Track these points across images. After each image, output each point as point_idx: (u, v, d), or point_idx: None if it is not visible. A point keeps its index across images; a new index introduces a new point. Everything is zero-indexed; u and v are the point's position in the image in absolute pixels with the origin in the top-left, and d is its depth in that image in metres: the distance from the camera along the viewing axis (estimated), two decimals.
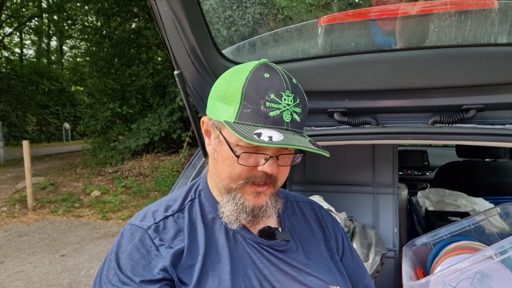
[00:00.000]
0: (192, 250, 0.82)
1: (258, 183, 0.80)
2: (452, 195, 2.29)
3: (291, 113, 0.77)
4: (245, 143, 0.76)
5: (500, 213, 1.63)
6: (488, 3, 1.32)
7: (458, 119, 1.28)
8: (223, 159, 0.82)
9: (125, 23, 11.63)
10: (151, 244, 0.80)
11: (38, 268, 4.41)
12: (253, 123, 0.75)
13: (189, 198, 0.91)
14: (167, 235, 0.83)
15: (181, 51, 1.25)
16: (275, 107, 0.75)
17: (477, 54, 1.25)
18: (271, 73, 0.78)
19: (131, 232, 0.83)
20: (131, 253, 0.80)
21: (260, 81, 0.77)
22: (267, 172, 0.79)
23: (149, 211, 0.88)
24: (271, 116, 0.75)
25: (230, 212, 0.83)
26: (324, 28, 1.41)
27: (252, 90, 0.76)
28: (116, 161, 10.14)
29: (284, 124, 0.76)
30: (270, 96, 0.75)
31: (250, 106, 0.76)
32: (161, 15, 1.18)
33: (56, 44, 25.34)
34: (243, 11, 1.44)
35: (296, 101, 0.78)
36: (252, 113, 0.75)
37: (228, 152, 0.80)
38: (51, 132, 21.93)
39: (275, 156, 0.79)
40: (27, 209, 6.86)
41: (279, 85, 0.77)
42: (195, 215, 0.88)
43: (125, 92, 11.12)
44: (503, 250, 1.16)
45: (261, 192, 0.81)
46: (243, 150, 0.78)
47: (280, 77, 0.79)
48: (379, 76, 1.30)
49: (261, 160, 0.79)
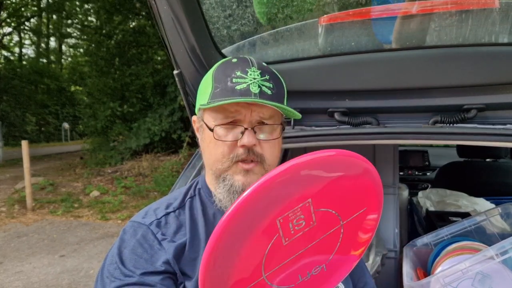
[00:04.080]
0: (195, 244, 0.83)
1: (244, 160, 0.82)
2: (453, 195, 2.28)
3: (259, 86, 0.80)
4: (220, 120, 0.81)
5: (501, 213, 1.62)
6: (489, 2, 1.32)
7: (459, 119, 1.28)
8: (207, 145, 0.85)
9: (126, 21, 11.62)
10: (154, 238, 0.81)
11: (37, 268, 4.40)
12: (222, 98, 0.79)
13: (189, 195, 0.93)
14: (169, 230, 0.84)
15: (181, 50, 1.25)
16: (241, 82, 0.80)
17: (478, 53, 1.25)
18: (239, 58, 0.85)
19: (134, 229, 0.84)
20: (134, 248, 0.80)
21: (227, 65, 0.84)
22: (246, 145, 0.80)
23: (150, 209, 0.89)
24: (238, 89, 0.79)
25: (222, 196, 0.84)
26: (325, 28, 1.41)
27: (220, 72, 0.83)
28: (115, 161, 10.14)
29: (252, 95, 0.79)
30: (236, 74, 0.81)
31: (219, 86, 0.81)
32: (161, 15, 1.17)
33: (55, 43, 25.34)
34: (243, 10, 1.44)
35: (264, 76, 0.82)
36: (221, 91, 0.80)
37: (209, 135, 0.84)
38: (50, 132, 21.93)
39: (251, 128, 0.81)
40: (26, 210, 6.85)
41: (245, 64, 0.83)
42: (196, 211, 0.89)
43: (125, 91, 11.11)
44: (504, 250, 1.16)
45: (249, 170, 0.82)
46: (217, 126, 0.82)
47: (247, 59, 0.85)
48: (379, 76, 1.30)
49: (239, 135, 0.81)
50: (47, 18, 22.72)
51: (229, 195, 0.83)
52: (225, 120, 0.82)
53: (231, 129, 0.82)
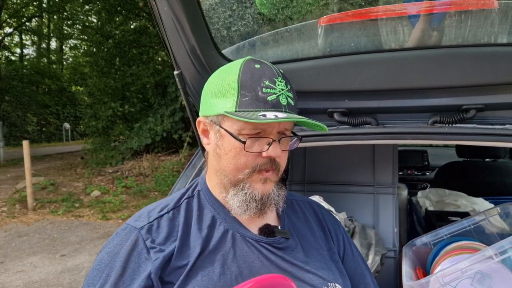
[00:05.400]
0: (183, 251, 0.82)
1: (265, 169, 0.82)
2: (452, 195, 2.28)
3: (286, 97, 0.81)
4: (248, 130, 0.79)
5: (500, 213, 1.63)
6: (488, 3, 1.32)
7: (458, 119, 1.28)
8: (226, 152, 0.83)
9: (127, 21, 11.63)
10: (143, 246, 0.81)
11: (38, 268, 4.41)
12: (254, 109, 0.77)
13: (186, 196, 0.91)
14: (159, 236, 0.83)
15: (181, 51, 1.25)
16: (272, 92, 0.79)
17: (477, 54, 1.25)
18: (261, 64, 0.83)
19: (125, 233, 0.84)
20: (123, 257, 0.80)
21: (253, 71, 0.81)
22: (272, 156, 0.81)
23: (145, 211, 0.89)
24: (270, 100, 0.78)
25: (239, 204, 0.84)
26: (324, 28, 1.41)
27: (247, 79, 0.79)
28: (116, 161, 10.14)
29: (282, 107, 0.79)
30: (265, 83, 0.79)
31: (248, 94, 0.78)
32: (161, 15, 1.17)
33: (56, 44, 25.36)
34: (243, 11, 1.44)
35: (287, 86, 0.83)
36: (251, 100, 0.78)
37: (230, 143, 0.82)
38: (51, 132, 21.94)
39: (278, 140, 0.81)
40: (27, 209, 6.86)
41: (271, 72, 0.82)
42: (191, 213, 0.88)
43: (126, 91, 11.11)
44: (503, 250, 1.16)
45: (267, 178, 0.83)
46: (247, 137, 0.80)
47: (270, 66, 0.84)
48: (379, 76, 1.30)
49: (265, 146, 0.81)
50: (48, 18, 22.73)
51: (248, 204, 0.83)
52: (254, 131, 0.80)
53: (257, 140, 0.81)
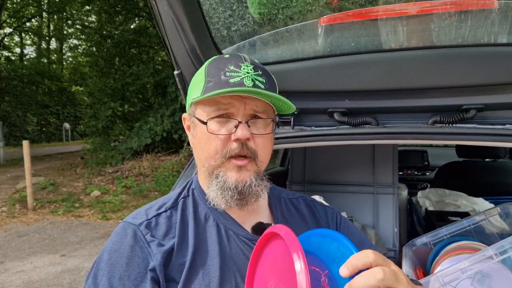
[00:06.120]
0: (182, 248, 0.82)
1: (237, 155, 0.81)
2: (452, 195, 2.28)
3: (253, 80, 0.80)
4: (213, 113, 0.80)
5: (500, 213, 1.63)
6: (488, 3, 1.32)
7: (458, 119, 1.28)
8: (199, 141, 0.84)
9: (126, 21, 11.63)
10: (143, 240, 0.80)
11: (38, 268, 4.41)
12: (216, 90, 0.78)
13: (183, 195, 0.92)
14: (158, 232, 0.83)
15: (181, 51, 1.25)
16: (235, 75, 0.79)
17: (477, 54, 1.25)
18: (231, 54, 0.85)
19: (124, 230, 0.83)
20: (122, 251, 0.79)
21: (220, 60, 0.84)
22: (240, 139, 0.79)
23: (142, 209, 0.89)
24: (232, 82, 0.79)
25: (215, 193, 0.83)
26: (324, 28, 1.41)
27: (212, 68, 0.83)
28: (116, 161, 10.15)
29: (246, 87, 0.78)
30: (230, 68, 0.80)
31: (212, 80, 0.80)
32: (161, 15, 1.17)
33: (56, 44, 25.35)
34: (243, 11, 1.44)
35: (257, 71, 0.82)
36: (214, 84, 0.79)
37: (201, 130, 0.83)
38: (51, 132, 21.95)
39: (245, 122, 0.80)
40: (27, 209, 6.86)
41: (238, 59, 0.83)
42: (187, 212, 0.88)
43: (126, 91, 11.11)
44: (503, 250, 1.16)
45: (242, 166, 0.81)
46: (212, 120, 0.81)
47: (240, 55, 0.84)
48: (379, 76, 1.30)
49: (233, 129, 0.80)
50: (48, 18, 22.73)
51: (223, 192, 0.82)
52: (218, 113, 0.80)
53: (225, 123, 0.81)
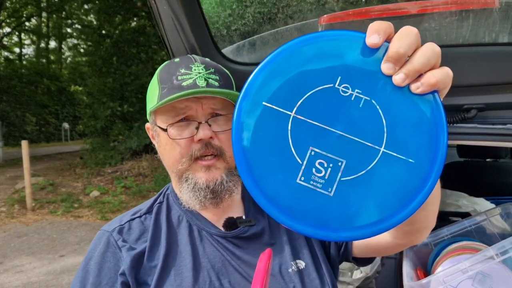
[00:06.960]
0: (154, 251, 0.82)
1: (202, 156, 0.80)
2: (453, 195, 2.28)
3: (205, 79, 0.79)
4: (172, 119, 0.80)
5: (501, 213, 1.62)
6: (489, 2, 1.32)
7: (458, 118, 1.27)
8: (164, 148, 0.84)
9: (126, 21, 11.62)
10: (115, 245, 0.82)
11: (37, 268, 4.41)
12: (170, 96, 0.77)
13: (158, 201, 0.93)
14: (131, 236, 0.84)
15: (181, 51, 1.25)
16: (187, 78, 0.79)
17: (478, 53, 1.25)
18: (181, 57, 0.84)
19: (99, 237, 0.85)
20: (95, 258, 0.81)
21: (171, 64, 0.83)
22: (203, 139, 0.79)
23: (118, 217, 0.90)
24: (185, 85, 0.78)
25: (187, 196, 0.82)
26: (325, 27, 1.41)
27: (164, 73, 0.82)
28: (115, 161, 10.14)
29: (199, 88, 0.78)
30: (181, 71, 0.80)
31: (165, 86, 0.80)
32: (160, 15, 1.17)
33: (56, 44, 25.35)
34: (243, 10, 1.44)
35: (209, 70, 0.81)
36: (168, 90, 0.79)
37: (164, 137, 0.82)
38: (50, 132, 21.93)
39: (205, 121, 0.79)
40: (26, 210, 6.85)
41: (188, 61, 0.82)
42: (161, 216, 0.89)
43: (125, 91, 11.11)
44: (504, 250, 1.16)
45: (210, 166, 0.81)
46: (171, 126, 0.80)
47: (189, 56, 0.84)
48: None
49: (194, 130, 0.80)
50: (47, 18, 22.73)
51: (195, 194, 0.81)
52: (177, 118, 0.79)
53: (186, 127, 0.80)
